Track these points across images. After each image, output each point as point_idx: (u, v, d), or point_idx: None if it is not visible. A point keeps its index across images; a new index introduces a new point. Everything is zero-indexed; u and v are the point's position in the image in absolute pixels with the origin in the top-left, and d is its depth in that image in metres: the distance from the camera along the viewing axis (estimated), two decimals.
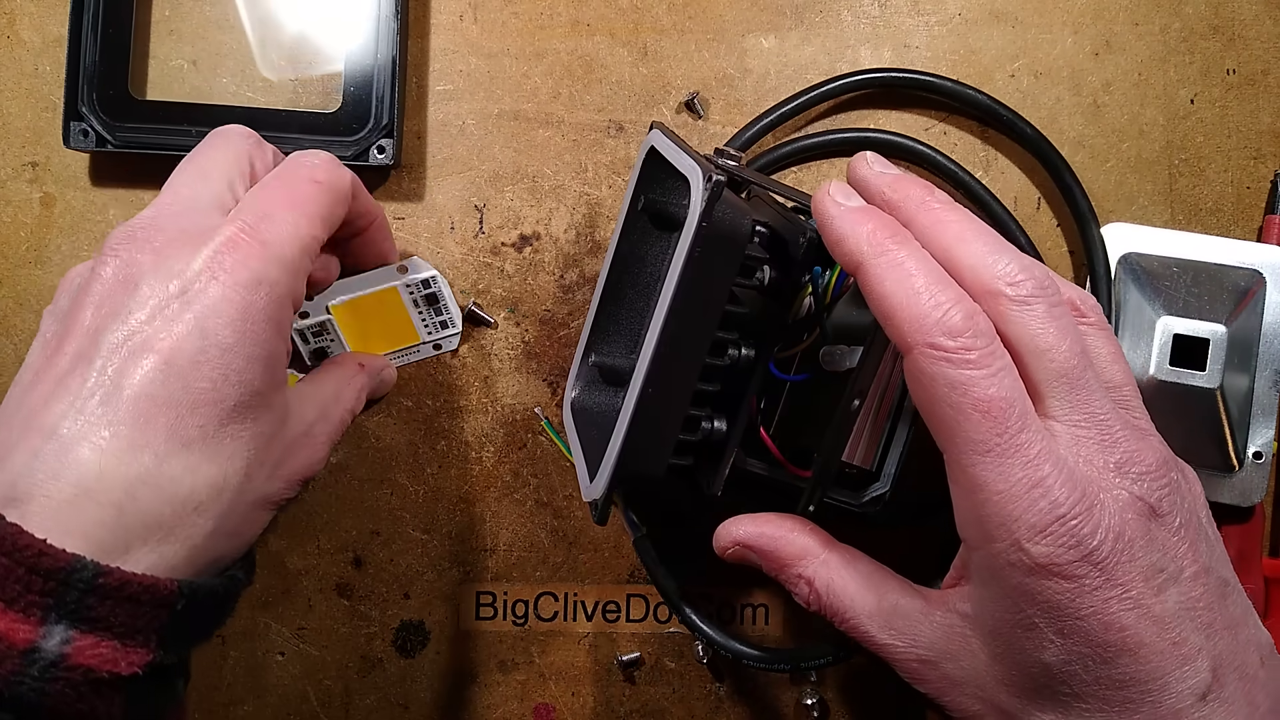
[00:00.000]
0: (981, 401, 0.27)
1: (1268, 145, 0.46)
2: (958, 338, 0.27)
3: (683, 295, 0.32)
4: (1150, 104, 0.46)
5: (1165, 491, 0.28)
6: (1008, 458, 0.27)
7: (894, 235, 0.30)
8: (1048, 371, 0.28)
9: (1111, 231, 0.44)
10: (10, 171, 0.45)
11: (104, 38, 0.43)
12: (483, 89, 0.46)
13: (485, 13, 0.46)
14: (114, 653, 0.26)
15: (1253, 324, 0.43)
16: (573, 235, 0.46)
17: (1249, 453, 0.42)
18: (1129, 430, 0.29)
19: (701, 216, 0.31)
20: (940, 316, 0.27)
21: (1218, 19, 0.46)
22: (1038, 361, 0.28)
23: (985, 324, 0.28)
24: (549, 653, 0.45)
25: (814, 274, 0.38)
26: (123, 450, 0.27)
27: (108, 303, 0.29)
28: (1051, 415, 0.28)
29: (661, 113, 0.46)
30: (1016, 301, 0.28)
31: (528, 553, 0.45)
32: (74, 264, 0.45)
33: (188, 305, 0.29)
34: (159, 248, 0.30)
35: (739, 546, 0.35)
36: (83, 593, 0.26)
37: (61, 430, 0.27)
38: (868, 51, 0.46)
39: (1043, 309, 0.28)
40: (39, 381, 0.29)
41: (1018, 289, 0.28)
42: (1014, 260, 0.29)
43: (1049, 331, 0.28)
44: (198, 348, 0.29)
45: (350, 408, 0.39)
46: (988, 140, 0.46)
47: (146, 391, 0.28)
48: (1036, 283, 0.29)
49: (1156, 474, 0.28)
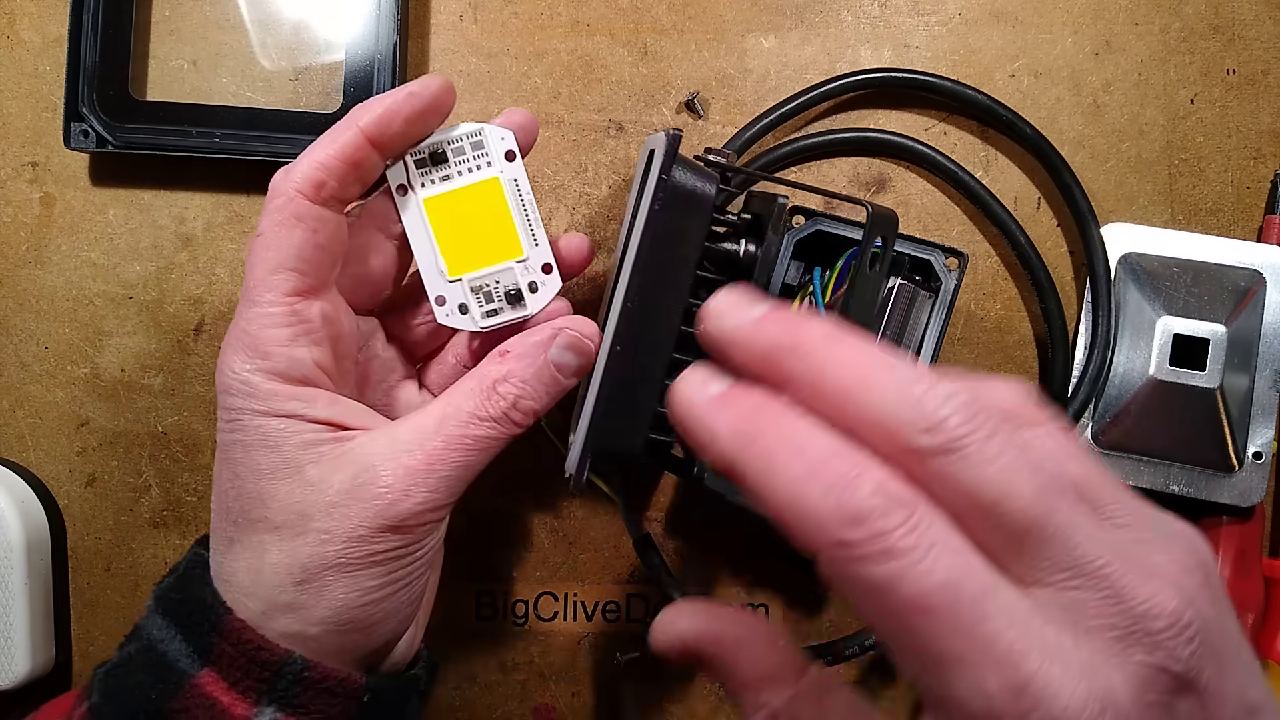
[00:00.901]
0: (917, 598, 0.20)
1: (1268, 145, 0.46)
2: (863, 524, 0.20)
3: (648, 249, 0.32)
4: (1150, 104, 0.46)
5: (1190, 648, 0.21)
6: (973, 665, 0.20)
7: (758, 417, 0.22)
8: (1008, 529, 0.21)
9: (1111, 231, 0.44)
10: (10, 171, 0.45)
11: (104, 38, 0.43)
12: (483, 89, 0.46)
13: (485, 13, 0.46)
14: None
15: (1253, 324, 0.43)
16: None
17: (1249, 453, 0.42)
18: (1132, 570, 0.21)
19: (661, 169, 0.32)
20: (835, 504, 0.20)
21: (1218, 19, 0.46)
22: (991, 520, 0.21)
23: (900, 491, 0.21)
24: (549, 653, 0.45)
25: (814, 274, 0.38)
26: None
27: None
28: (1032, 580, 0.21)
29: (661, 113, 0.46)
30: (939, 452, 0.21)
31: (528, 553, 0.45)
32: (74, 264, 0.45)
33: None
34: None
35: (682, 648, 0.26)
36: (290, 683, 0.31)
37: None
38: (868, 51, 0.46)
39: (976, 447, 0.21)
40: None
41: (935, 435, 0.21)
42: (922, 396, 0.21)
43: (993, 477, 0.21)
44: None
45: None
46: (988, 140, 0.46)
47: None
48: (959, 415, 0.21)
49: (1174, 629, 0.20)
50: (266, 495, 0.31)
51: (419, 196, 0.34)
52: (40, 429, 0.46)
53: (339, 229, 0.33)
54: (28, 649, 0.43)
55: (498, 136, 0.35)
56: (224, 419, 0.32)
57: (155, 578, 0.45)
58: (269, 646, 0.31)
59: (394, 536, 0.32)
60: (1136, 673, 0.20)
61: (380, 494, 0.31)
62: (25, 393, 0.45)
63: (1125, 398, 0.43)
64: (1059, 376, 0.44)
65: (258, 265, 0.32)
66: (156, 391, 0.45)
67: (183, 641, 0.32)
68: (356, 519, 0.31)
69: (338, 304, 0.34)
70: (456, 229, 0.35)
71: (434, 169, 0.35)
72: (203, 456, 0.46)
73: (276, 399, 0.31)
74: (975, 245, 0.46)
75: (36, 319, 0.45)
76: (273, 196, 0.32)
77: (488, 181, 0.35)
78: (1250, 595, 0.43)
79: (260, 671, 0.31)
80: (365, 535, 0.31)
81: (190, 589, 0.33)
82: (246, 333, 0.32)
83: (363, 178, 0.33)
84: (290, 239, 0.32)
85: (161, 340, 0.45)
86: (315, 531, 0.31)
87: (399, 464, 0.31)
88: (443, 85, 0.34)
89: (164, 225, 0.45)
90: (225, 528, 0.32)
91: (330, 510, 0.31)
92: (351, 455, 0.32)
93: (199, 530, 0.46)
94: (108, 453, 0.46)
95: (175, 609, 0.33)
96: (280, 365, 0.32)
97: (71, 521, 0.46)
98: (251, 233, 0.45)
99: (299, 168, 0.32)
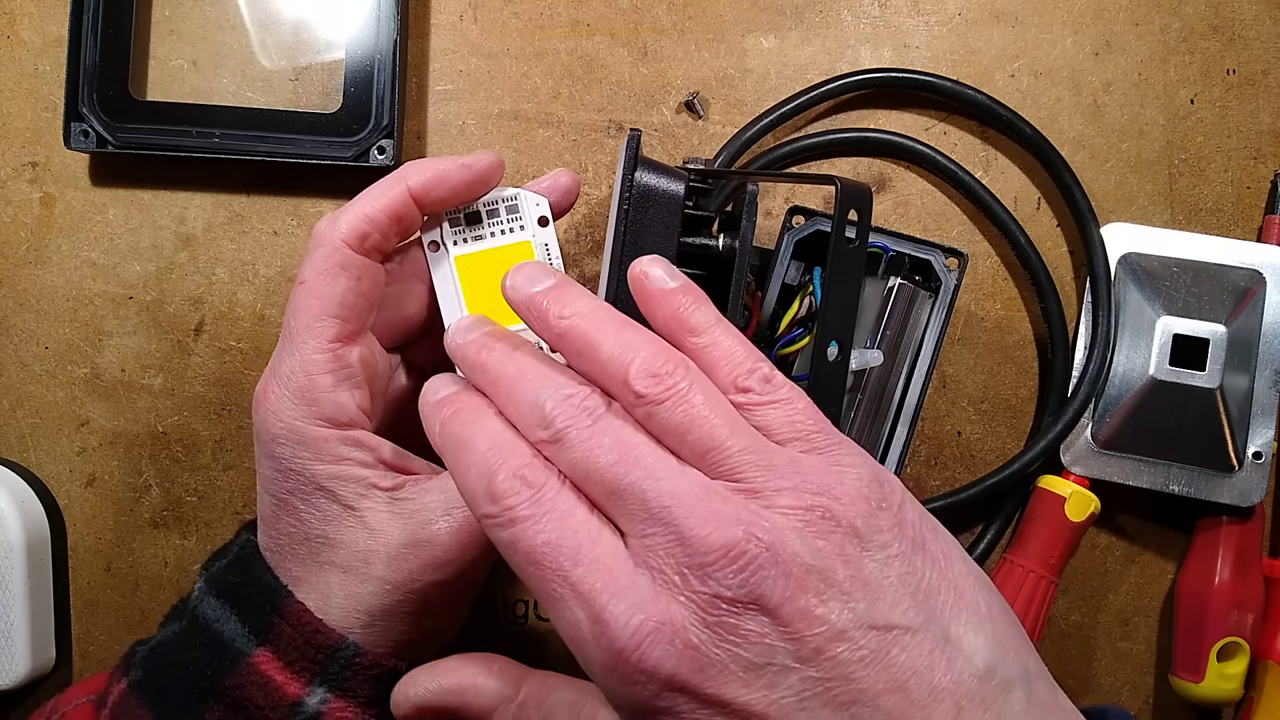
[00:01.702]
0: (529, 554, 0.25)
1: (1268, 145, 0.46)
2: (499, 500, 0.25)
3: (621, 248, 0.33)
4: (1150, 104, 0.46)
5: (742, 575, 0.23)
6: (567, 602, 0.24)
7: (459, 414, 0.28)
8: (602, 495, 0.26)
9: (1111, 231, 0.44)
10: (10, 171, 0.45)
11: (104, 38, 0.43)
12: (483, 89, 0.46)
13: (485, 13, 0.46)
14: (357, 718, 0.33)
15: (1253, 324, 0.43)
16: (573, 235, 0.46)
17: (1249, 453, 0.42)
18: (698, 513, 0.24)
19: (625, 169, 0.33)
20: (486, 485, 0.26)
21: (1218, 19, 0.46)
22: (591, 489, 0.26)
23: (536, 474, 0.26)
24: (549, 653, 0.45)
25: (814, 274, 0.38)
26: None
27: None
28: (628, 533, 0.25)
29: (661, 113, 0.46)
30: (554, 442, 0.26)
31: None
32: (74, 264, 0.45)
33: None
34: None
35: (419, 711, 0.30)
36: (342, 667, 0.32)
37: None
38: (868, 51, 0.46)
39: (573, 436, 0.26)
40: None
41: (550, 430, 0.26)
42: (552, 394, 0.26)
43: (584, 456, 0.26)
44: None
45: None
46: (988, 140, 0.46)
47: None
48: (571, 411, 0.26)
49: (724, 560, 0.24)
50: (334, 541, 0.33)
51: (451, 254, 0.36)
52: (40, 429, 0.46)
53: (379, 276, 0.35)
54: (28, 649, 0.43)
55: (533, 202, 0.36)
56: (273, 466, 0.33)
57: (155, 578, 0.46)
58: (326, 630, 0.32)
59: (450, 584, 0.34)
60: (694, 599, 0.24)
61: (438, 556, 0.33)
62: (25, 393, 0.45)
63: (1125, 398, 0.43)
64: (1059, 376, 0.44)
65: (301, 312, 0.33)
66: (156, 391, 0.45)
67: (239, 622, 0.33)
68: (416, 573, 0.33)
69: (373, 345, 0.36)
70: (484, 288, 0.36)
71: (468, 228, 0.36)
72: (202, 456, 0.46)
73: (328, 445, 0.33)
74: (975, 245, 0.46)
75: (36, 319, 0.45)
76: (317, 245, 0.34)
77: (519, 244, 0.36)
78: (1250, 595, 0.43)
79: (315, 653, 0.32)
80: (422, 587, 0.33)
81: (252, 572, 0.34)
82: (292, 379, 0.33)
83: (404, 232, 0.35)
84: (334, 287, 0.33)
85: (161, 340, 0.45)
86: (377, 580, 0.33)
87: (454, 521, 0.33)
88: (494, 161, 0.35)
89: (164, 225, 0.45)
90: (290, 567, 0.34)
91: (391, 562, 0.33)
92: (408, 507, 0.33)
93: (199, 530, 0.46)
94: (108, 453, 0.46)
95: (233, 591, 0.34)
96: (327, 411, 0.33)
97: (71, 521, 0.46)
98: (251, 233, 0.45)
99: (345, 219, 0.34)
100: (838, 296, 0.34)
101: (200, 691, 0.32)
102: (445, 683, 0.30)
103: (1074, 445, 0.43)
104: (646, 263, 0.29)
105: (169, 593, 0.46)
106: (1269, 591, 0.44)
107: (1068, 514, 0.42)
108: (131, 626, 0.46)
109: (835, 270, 0.34)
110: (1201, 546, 0.44)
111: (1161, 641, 0.46)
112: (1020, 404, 0.46)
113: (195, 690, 0.32)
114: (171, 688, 0.33)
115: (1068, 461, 0.43)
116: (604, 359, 0.27)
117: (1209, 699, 0.43)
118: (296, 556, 0.34)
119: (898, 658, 0.24)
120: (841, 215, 0.34)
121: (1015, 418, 0.46)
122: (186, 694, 0.32)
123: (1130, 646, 0.46)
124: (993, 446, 0.46)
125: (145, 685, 0.33)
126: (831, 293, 0.34)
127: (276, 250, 0.45)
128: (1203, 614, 0.43)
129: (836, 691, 0.23)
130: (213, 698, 0.32)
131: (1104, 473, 0.43)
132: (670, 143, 0.46)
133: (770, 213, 0.45)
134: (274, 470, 0.33)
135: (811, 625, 0.24)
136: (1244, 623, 0.43)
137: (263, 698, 0.32)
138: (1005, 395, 0.46)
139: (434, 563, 0.33)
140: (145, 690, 0.33)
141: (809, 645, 0.23)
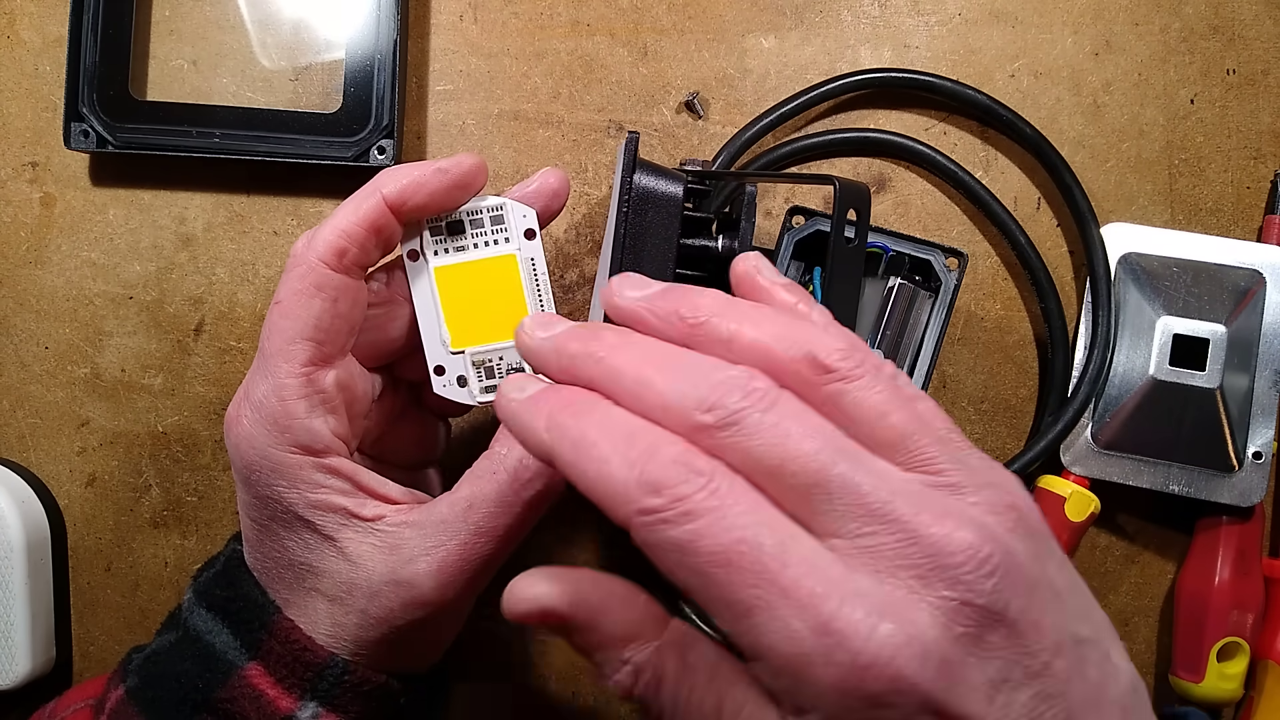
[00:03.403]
0: (718, 554, 0.21)
1: (1268, 145, 0.46)
2: (664, 491, 0.22)
3: (621, 251, 0.33)
4: (1150, 104, 0.46)
5: (991, 580, 0.21)
6: (778, 611, 0.21)
7: (570, 408, 0.25)
8: (796, 489, 0.22)
9: (1111, 231, 0.44)
10: (10, 171, 0.45)
11: (104, 38, 0.43)
12: (483, 89, 0.46)
13: (485, 13, 0.46)
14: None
15: (1253, 324, 0.43)
16: (573, 235, 0.46)
17: (1249, 453, 0.42)
18: (927, 510, 0.22)
19: (624, 171, 0.33)
20: (639, 476, 0.22)
21: (1218, 19, 0.46)
22: (780, 482, 0.22)
23: (701, 462, 0.22)
24: (549, 653, 0.45)
25: (814, 274, 0.38)
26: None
27: None
28: (830, 532, 0.22)
29: (661, 113, 0.46)
30: (723, 427, 0.23)
31: (527, 553, 0.45)
32: (74, 264, 0.45)
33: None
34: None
35: (541, 612, 0.26)
36: (332, 684, 0.32)
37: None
38: (868, 51, 0.46)
39: (755, 420, 0.22)
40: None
41: (718, 412, 0.23)
42: (705, 376, 0.23)
43: (774, 442, 0.22)
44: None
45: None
46: (988, 140, 0.46)
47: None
48: (741, 392, 0.23)
49: (972, 563, 0.21)
50: (317, 569, 0.33)
51: (430, 265, 0.34)
52: (40, 429, 0.46)
53: (359, 295, 0.33)
54: (28, 649, 0.43)
55: (519, 213, 0.34)
56: (251, 494, 0.33)
57: (155, 578, 0.46)
58: (314, 648, 0.32)
59: (433, 620, 0.33)
60: (940, 607, 0.21)
61: (418, 597, 0.32)
62: (25, 393, 0.45)
63: (1125, 398, 0.43)
64: (1059, 376, 0.44)
65: (275, 334, 0.32)
66: (156, 391, 0.45)
67: (230, 635, 0.33)
68: (398, 610, 0.32)
69: (351, 368, 0.34)
70: (465, 301, 0.34)
71: (450, 238, 0.34)
72: (202, 457, 0.46)
73: (303, 473, 0.32)
74: (975, 245, 0.46)
75: (36, 319, 0.45)
76: (294, 265, 0.32)
77: (503, 258, 0.34)
78: (1250, 595, 0.43)
79: (304, 671, 0.32)
80: (405, 624, 0.33)
81: (239, 587, 0.34)
82: (264, 405, 0.32)
83: (385, 244, 0.33)
84: (309, 309, 0.32)
85: (161, 340, 0.45)
86: (359, 612, 0.32)
87: (434, 561, 0.32)
88: (474, 165, 0.33)
89: (164, 225, 0.45)
90: (278, 589, 0.34)
91: (373, 597, 0.32)
92: (388, 541, 0.32)
93: (199, 530, 0.46)
94: (108, 453, 0.46)
95: (222, 605, 0.34)
96: (301, 438, 0.32)
97: (71, 521, 0.46)
98: (252, 233, 0.45)
99: (321, 236, 0.32)
100: (838, 296, 0.34)
101: (193, 704, 0.32)
102: (584, 592, 0.26)
103: (1074, 445, 0.43)
104: (754, 258, 0.28)
105: (169, 593, 0.46)
106: (1269, 591, 0.44)
107: (1068, 514, 0.42)
108: (131, 626, 0.46)
109: (835, 270, 0.34)
110: (1201, 546, 0.44)
111: (1161, 641, 0.46)
112: (1020, 404, 0.46)
113: (189, 702, 0.32)
114: (166, 698, 0.33)
115: (1068, 461, 0.43)
116: (769, 338, 0.24)
117: (1209, 699, 0.43)
118: (284, 581, 0.33)
119: (1090, 671, 0.22)
120: (841, 215, 0.34)
121: (1015, 418, 0.46)
122: (180, 705, 0.32)
123: (1130, 646, 0.46)
124: (993, 446, 0.46)
125: (141, 694, 0.33)
126: (831, 292, 0.34)
127: (276, 250, 0.45)
128: (1203, 614, 0.43)
129: (1057, 709, 0.21)
130: (206, 710, 0.32)
131: (1104, 473, 0.43)
132: (670, 143, 0.46)
133: (770, 213, 0.45)
134: (252, 497, 0.33)
135: (1041, 637, 0.22)
136: (1244, 623, 0.43)
137: (254, 712, 0.32)
138: (1005, 395, 0.46)
139: (414, 602, 0.32)
140: (141, 699, 0.33)
141: (1039, 659, 0.22)
